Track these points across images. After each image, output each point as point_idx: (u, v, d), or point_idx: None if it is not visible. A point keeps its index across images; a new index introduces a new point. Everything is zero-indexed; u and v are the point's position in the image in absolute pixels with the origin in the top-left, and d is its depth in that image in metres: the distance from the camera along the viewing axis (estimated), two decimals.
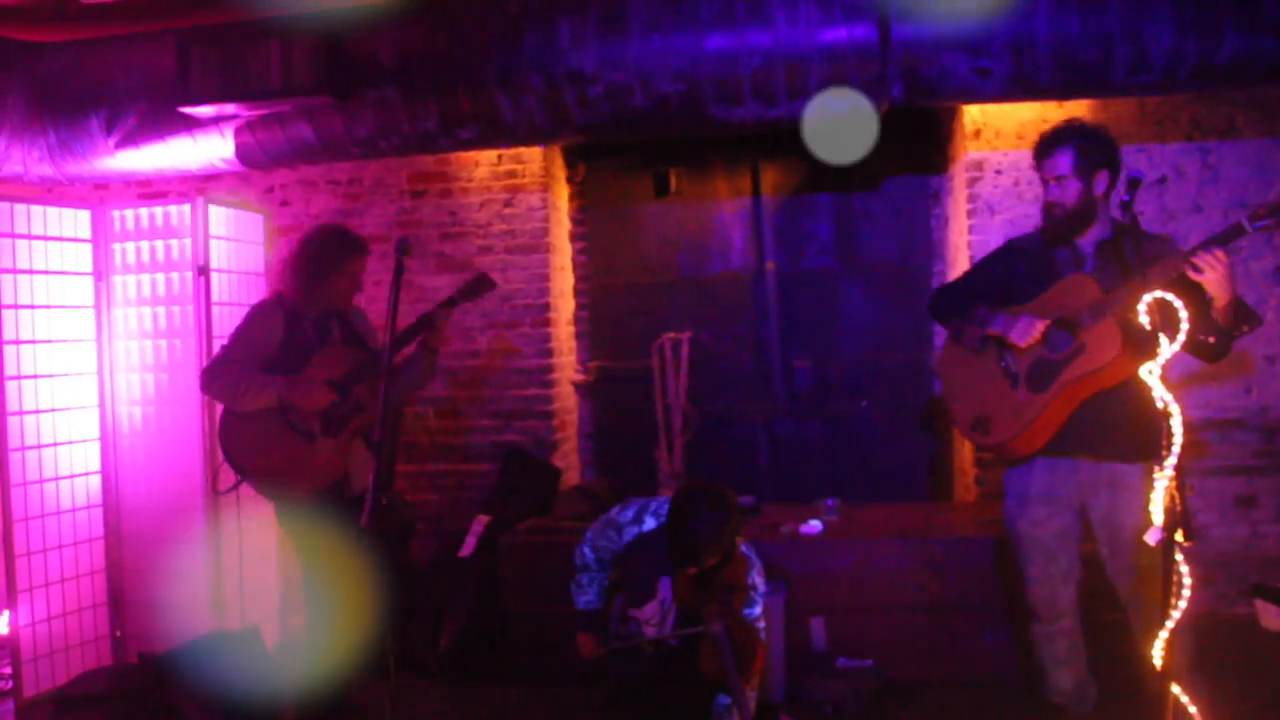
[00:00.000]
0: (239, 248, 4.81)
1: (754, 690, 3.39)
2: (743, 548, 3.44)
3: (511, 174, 5.38)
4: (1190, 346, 3.02)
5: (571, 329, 5.77)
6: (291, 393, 3.61)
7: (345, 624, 3.64)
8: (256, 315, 3.77)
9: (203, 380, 3.74)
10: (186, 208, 4.56)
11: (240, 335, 3.74)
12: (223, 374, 3.66)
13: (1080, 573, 3.40)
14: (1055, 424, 3.25)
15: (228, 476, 3.80)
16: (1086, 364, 3.15)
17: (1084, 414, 3.22)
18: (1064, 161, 3.21)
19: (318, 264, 3.70)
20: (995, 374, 3.35)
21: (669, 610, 3.35)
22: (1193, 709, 2.66)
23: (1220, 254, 2.87)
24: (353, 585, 3.52)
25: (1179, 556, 2.51)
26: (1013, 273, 3.40)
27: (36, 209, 4.43)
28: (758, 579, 3.44)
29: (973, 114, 4.89)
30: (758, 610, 3.43)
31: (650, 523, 3.48)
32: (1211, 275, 2.87)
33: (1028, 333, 3.21)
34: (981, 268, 3.61)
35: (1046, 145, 3.27)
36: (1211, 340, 3.08)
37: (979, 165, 4.91)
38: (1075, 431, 3.25)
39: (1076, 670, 3.44)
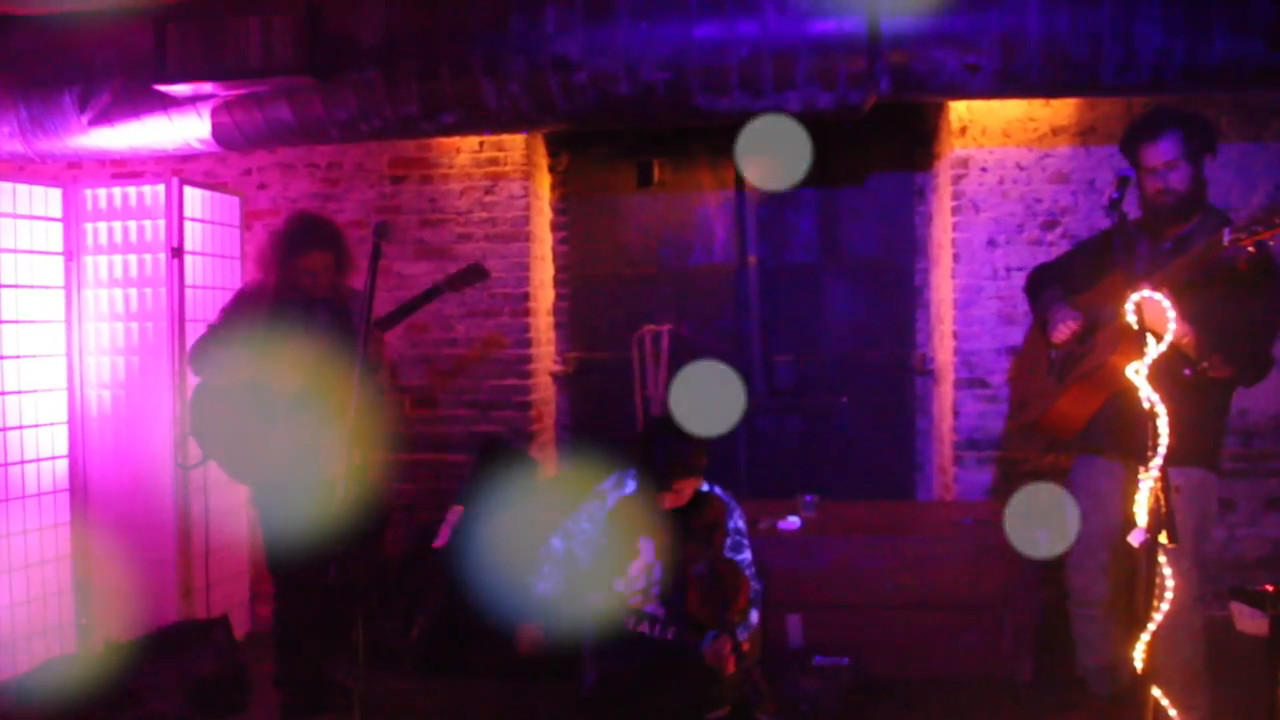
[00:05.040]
0: (214, 230, 4.74)
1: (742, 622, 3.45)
2: (718, 491, 3.56)
3: (493, 161, 5.32)
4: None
5: (551, 319, 5.72)
6: (265, 374, 3.72)
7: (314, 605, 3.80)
8: (241, 296, 3.92)
9: (189, 354, 3.90)
10: (161, 188, 4.49)
11: (224, 314, 3.89)
12: (201, 347, 3.82)
13: (1119, 571, 3.37)
14: (1078, 416, 3.28)
15: (197, 452, 3.91)
16: (1091, 362, 3.16)
17: (1107, 412, 3.22)
18: (1169, 146, 3.00)
19: (275, 252, 3.81)
20: (1044, 358, 3.41)
21: (654, 568, 3.43)
22: (1172, 712, 2.66)
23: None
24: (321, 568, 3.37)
25: (1162, 558, 2.50)
26: (1102, 261, 3.24)
27: (6, 186, 4.35)
28: (740, 522, 3.56)
29: (959, 110, 4.87)
30: (748, 555, 3.53)
31: (631, 485, 3.57)
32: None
33: (1059, 330, 3.24)
34: (1078, 250, 3.57)
35: (1146, 130, 3.05)
36: (1187, 372, 2.94)
37: (964, 162, 4.89)
38: (1099, 429, 3.27)
39: (1100, 657, 3.48)
